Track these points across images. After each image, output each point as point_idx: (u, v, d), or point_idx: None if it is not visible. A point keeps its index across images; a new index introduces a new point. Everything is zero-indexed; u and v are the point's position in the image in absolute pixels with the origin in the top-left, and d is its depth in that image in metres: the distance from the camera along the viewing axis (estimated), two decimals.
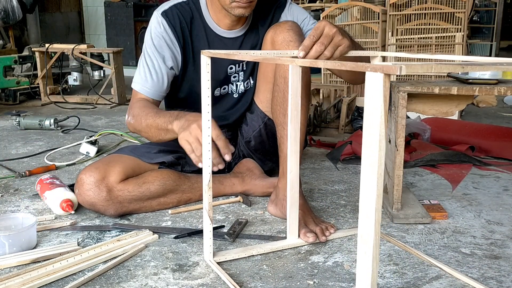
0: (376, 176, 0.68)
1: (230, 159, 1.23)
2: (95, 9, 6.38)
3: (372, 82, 0.66)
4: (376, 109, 0.66)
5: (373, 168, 0.68)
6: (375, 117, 0.66)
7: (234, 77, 1.64)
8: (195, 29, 1.56)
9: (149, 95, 1.54)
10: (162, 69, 1.54)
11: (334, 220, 1.47)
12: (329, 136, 2.58)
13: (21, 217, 1.34)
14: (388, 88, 0.66)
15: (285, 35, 1.37)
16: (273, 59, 0.90)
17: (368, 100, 0.67)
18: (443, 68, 0.67)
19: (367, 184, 0.69)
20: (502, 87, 1.38)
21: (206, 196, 1.15)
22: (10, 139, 2.52)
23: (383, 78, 0.65)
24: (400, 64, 0.62)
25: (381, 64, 0.64)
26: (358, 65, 0.70)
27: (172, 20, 1.53)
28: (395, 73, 0.61)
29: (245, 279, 1.12)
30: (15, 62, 3.71)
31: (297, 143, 1.23)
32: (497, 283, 1.10)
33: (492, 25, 6.38)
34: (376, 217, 0.69)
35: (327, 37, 1.11)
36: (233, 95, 1.66)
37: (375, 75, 0.65)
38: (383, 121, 0.66)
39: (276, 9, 1.60)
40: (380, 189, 0.69)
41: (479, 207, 1.56)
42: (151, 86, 1.53)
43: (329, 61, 0.71)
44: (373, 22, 3.30)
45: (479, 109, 3.39)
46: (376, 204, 0.69)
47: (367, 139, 0.68)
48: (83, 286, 1.09)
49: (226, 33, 1.58)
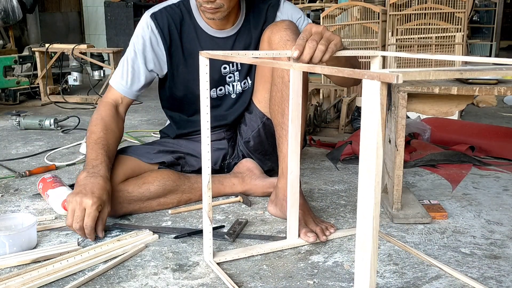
0: (374, 182, 0.68)
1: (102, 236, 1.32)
2: (95, 9, 6.38)
3: (369, 89, 0.66)
4: (373, 116, 0.66)
5: (370, 173, 0.68)
6: (372, 124, 0.66)
7: (230, 78, 1.63)
8: (186, 31, 1.57)
9: (122, 92, 1.57)
10: (141, 70, 1.57)
11: (334, 220, 1.47)
12: (329, 136, 2.58)
13: (21, 217, 1.34)
14: (385, 96, 0.65)
15: (282, 34, 1.37)
16: (271, 62, 0.90)
17: (365, 107, 0.67)
18: (441, 74, 0.67)
19: (365, 190, 0.69)
20: (502, 87, 1.38)
21: (205, 197, 1.15)
22: (10, 139, 2.52)
23: (380, 86, 0.65)
24: (397, 72, 0.61)
25: (378, 72, 0.64)
26: (355, 72, 0.70)
27: (161, 22, 1.54)
28: (391, 81, 0.61)
29: (245, 279, 1.12)
30: (15, 62, 3.71)
31: (297, 144, 1.23)
32: (497, 283, 1.10)
33: (492, 25, 6.39)
34: (373, 225, 0.69)
35: (317, 34, 1.14)
36: (231, 96, 1.66)
37: (372, 83, 0.65)
38: (380, 129, 0.66)
39: (269, 8, 1.60)
40: (378, 197, 0.69)
41: (479, 207, 1.56)
42: (125, 85, 1.57)
43: (327, 67, 0.71)
44: (373, 22, 3.30)
45: (479, 109, 3.39)
46: (374, 212, 0.69)
47: (365, 145, 0.68)
48: (83, 286, 1.09)
49: (217, 33, 1.58)
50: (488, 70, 0.77)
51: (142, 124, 2.91)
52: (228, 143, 1.73)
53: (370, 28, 3.33)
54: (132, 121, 3.01)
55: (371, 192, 0.68)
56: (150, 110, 3.41)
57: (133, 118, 3.10)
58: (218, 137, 1.70)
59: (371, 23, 3.32)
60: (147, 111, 3.34)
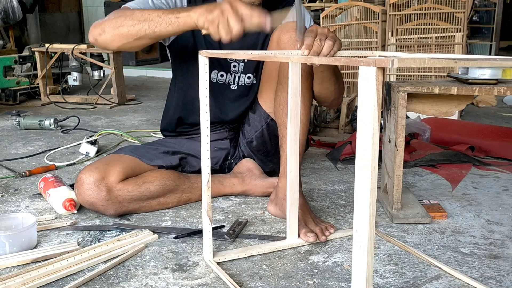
0: (370, 170, 0.68)
1: None
2: (95, 9, 6.39)
3: (365, 76, 0.67)
4: (369, 102, 0.66)
5: (367, 162, 0.68)
6: (368, 111, 0.67)
7: (234, 67, 1.62)
8: None
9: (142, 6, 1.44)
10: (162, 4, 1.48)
11: (334, 220, 1.47)
12: (329, 136, 2.58)
13: (21, 217, 1.34)
14: (381, 82, 0.66)
15: (292, 35, 1.37)
16: (269, 57, 0.90)
17: (362, 94, 0.68)
18: (435, 62, 0.67)
19: (361, 181, 0.70)
20: (501, 87, 1.38)
21: (205, 196, 1.15)
22: (10, 139, 2.52)
23: (376, 72, 0.65)
24: (392, 57, 0.62)
25: (373, 58, 0.65)
26: (351, 60, 0.71)
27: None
28: (387, 66, 0.62)
29: (245, 279, 1.12)
30: (15, 62, 3.71)
31: (297, 143, 1.23)
32: (497, 283, 1.10)
33: (492, 25, 6.38)
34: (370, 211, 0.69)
35: (322, 34, 1.15)
36: (231, 87, 1.65)
37: (368, 69, 0.66)
38: (376, 114, 0.66)
39: (285, 7, 1.60)
40: (374, 183, 0.69)
41: (479, 207, 1.57)
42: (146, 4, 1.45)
43: (324, 57, 0.71)
44: (373, 22, 3.30)
45: (478, 109, 3.39)
46: (371, 198, 0.69)
47: (361, 133, 0.69)
48: (83, 286, 1.09)
49: None
50: (483, 60, 0.77)
51: (142, 124, 2.91)
52: (230, 143, 1.73)
53: (370, 28, 3.33)
54: (132, 121, 3.01)
55: (368, 181, 0.68)
56: (150, 110, 3.41)
57: (133, 118, 3.10)
58: (220, 136, 1.70)
59: (371, 23, 3.32)
60: (147, 111, 3.34)
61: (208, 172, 1.14)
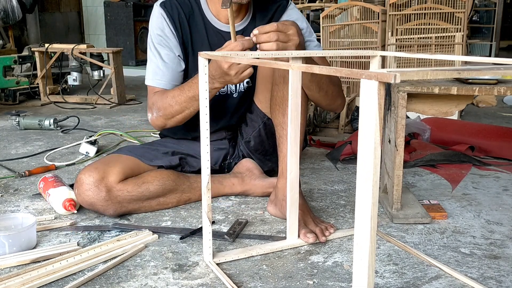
0: (371, 183, 0.68)
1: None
2: (95, 9, 6.39)
3: (366, 89, 0.66)
4: (371, 116, 0.66)
5: (368, 173, 0.68)
6: (370, 124, 0.66)
7: None
8: (194, 23, 1.57)
9: (162, 86, 1.54)
10: (171, 57, 1.54)
11: (334, 220, 1.47)
12: (329, 136, 2.58)
13: (21, 217, 1.34)
14: (383, 96, 0.65)
15: None
16: (270, 63, 0.90)
17: (363, 107, 0.67)
18: (439, 74, 0.67)
19: (362, 190, 0.69)
20: (502, 87, 1.38)
21: (205, 197, 1.15)
22: (10, 139, 2.52)
23: (378, 86, 0.64)
24: (394, 71, 0.61)
25: (376, 72, 0.64)
26: (353, 72, 0.70)
27: (170, 10, 1.54)
28: (389, 81, 0.61)
29: (244, 279, 1.12)
30: (15, 62, 3.71)
31: (297, 144, 1.23)
32: (497, 283, 1.10)
33: (492, 25, 6.39)
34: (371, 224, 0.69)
35: (280, 31, 1.23)
36: (233, 95, 1.66)
37: (370, 82, 0.65)
38: (378, 128, 0.66)
39: (278, 9, 1.60)
40: (376, 197, 0.69)
41: (479, 207, 1.56)
42: (163, 76, 1.54)
43: (325, 66, 0.71)
44: (373, 22, 3.30)
45: (478, 109, 3.39)
46: (372, 212, 0.68)
47: (363, 145, 0.68)
48: (83, 286, 1.09)
49: (224, 26, 1.58)
50: (487, 70, 0.77)
51: (142, 124, 2.91)
52: (229, 143, 1.73)
53: (370, 28, 3.33)
54: (132, 121, 3.01)
55: (369, 192, 0.68)
56: None
57: (133, 118, 3.10)
58: (219, 136, 1.70)
59: (371, 23, 3.32)
60: (147, 111, 3.34)
61: (208, 174, 1.14)
